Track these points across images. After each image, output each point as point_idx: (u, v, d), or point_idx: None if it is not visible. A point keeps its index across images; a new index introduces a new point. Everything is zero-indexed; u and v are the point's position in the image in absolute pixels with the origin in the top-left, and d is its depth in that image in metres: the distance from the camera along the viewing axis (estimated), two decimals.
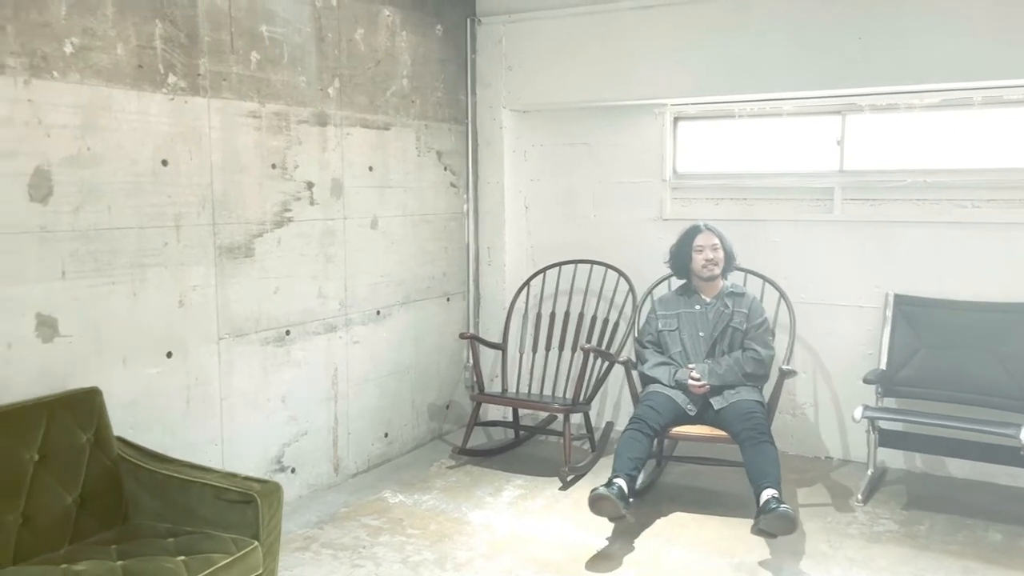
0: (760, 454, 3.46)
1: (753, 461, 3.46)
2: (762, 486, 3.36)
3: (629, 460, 3.52)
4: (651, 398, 3.77)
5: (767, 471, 3.41)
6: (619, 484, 3.40)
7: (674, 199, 4.75)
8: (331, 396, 4.02)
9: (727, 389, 3.75)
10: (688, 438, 3.78)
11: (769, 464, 3.43)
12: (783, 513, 3.18)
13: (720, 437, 3.66)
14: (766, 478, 3.38)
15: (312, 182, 3.82)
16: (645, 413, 3.69)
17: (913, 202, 4.19)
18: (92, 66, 2.88)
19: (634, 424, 3.66)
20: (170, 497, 2.68)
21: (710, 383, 3.74)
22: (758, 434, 3.52)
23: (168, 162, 3.16)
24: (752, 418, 3.58)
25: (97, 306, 2.94)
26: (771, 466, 3.43)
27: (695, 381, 3.74)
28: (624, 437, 3.63)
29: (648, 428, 3.63)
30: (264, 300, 3.60)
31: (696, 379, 3.74)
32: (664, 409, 3.70)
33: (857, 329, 4.28)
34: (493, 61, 4.87)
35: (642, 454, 3.57)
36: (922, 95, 4.09)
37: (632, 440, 3.59)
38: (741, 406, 3.65)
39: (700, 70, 4.30)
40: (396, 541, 3.42)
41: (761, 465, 3.43)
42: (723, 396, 3.73)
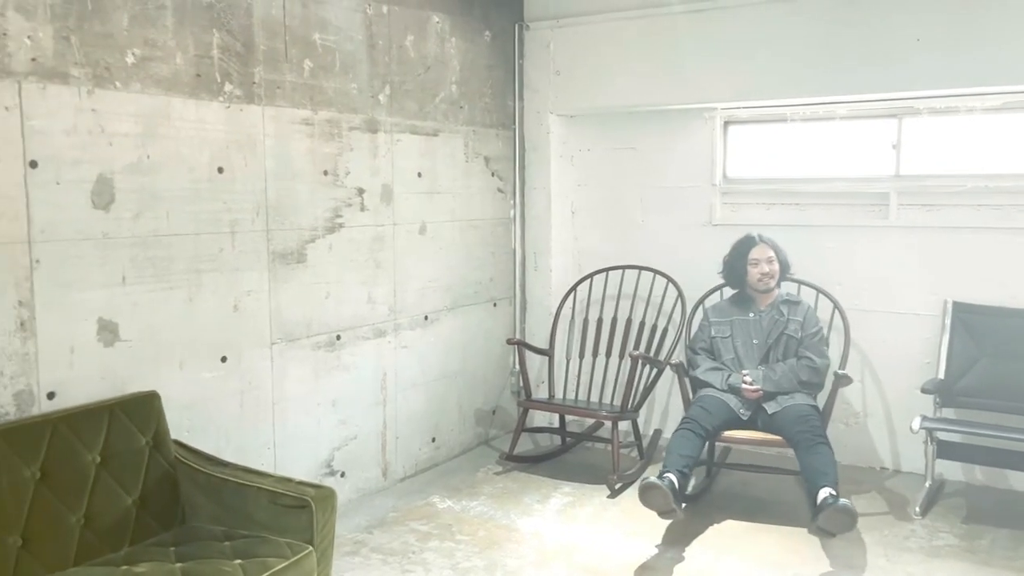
0: (816, 455, 3.41)
1: (809, 462, 3.42)
2: (819, 485, 3.31)
3: (680, 457, 3.49)
4: (703, 400, 3.75)
5: (824, 470, 3.35)
6: (670, 478, 3.36)
7: (724, 204, 4.69)
8: (380, 400, 4.04)
9: (781, 395, 3.70)
10: (740, 442, 3.76)
11: (826, 464, 3.38)
12: (842, 506, 3.11)
13: (773, 442, 3.62)
14: (824, 477, 3.33)
15: (363, 188, 3.85)
16: (697, 414, 3.66)
17: (973, 207, 4.08)
18: (152, 76, 2.94)
19: (685, 424, 3.63)
20: (226, 501, 2.71)
21: (765, 388, 3.70)
22: (813, 436, 3.47)
23: (224, 169, 3.21)
24: (807, 420, 3.53)
25: (155, 311, 2.99)
26: (828, 466, 3.37)
27: (748, 385, 3.69)
28: (675, 436, 3.61)
29: (700, 428, 3.60)
30: (315, 305, 3.64)
31: (749, 383, 3.69)
32: (716, 411, 3.67)
33: (914, 337, 4.18)
34: (541, 66, 4.86)
35: (693, 452, 3.53)
36: (982, 97, 3.98)
37: (683, 438, 3.56)
38: (795, 410, 3.61)
39: (751, 73, 4.24)
40: (445, 547, 3.42)
41: (818, 465, 3.38)
42: (777, 401, 3.69)
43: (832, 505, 3.14)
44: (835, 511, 3.13)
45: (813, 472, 3.37)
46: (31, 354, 2.63)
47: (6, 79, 2.54)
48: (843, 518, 3.13)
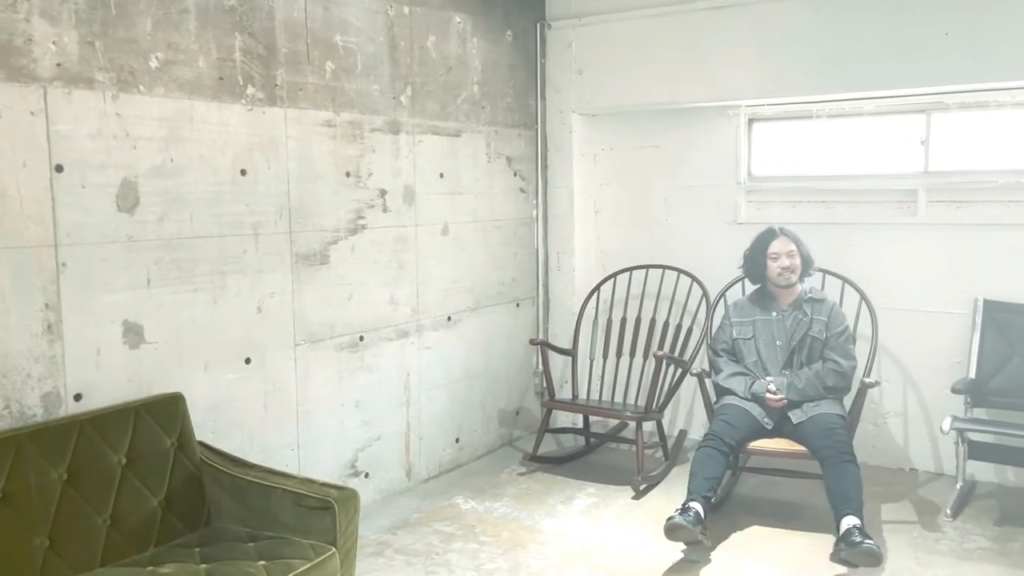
0: (842, 475, 3.33)
1: (834, 483, 3.33)
2: (843, 512, 3.24)
3: (705, 481, 3.42)
4: (726, 411, 3.65)
5: (849, 495, 3.27)
6: (695, 509, 3.30)
7: (749, 202, 4.64)
8: (403, 401, 4.04)
9: (807, 402, 3.62)
10: (766, 454, 3.65)
11: (851, 487, 3.29)
12: (867, 550, 3.07)
13: (799, 452, 3.53)
14: (848, 503, 3.25)
15: (385, 189, 3.85)
16: (720, 429, 3.57)
17: (1004, 204, 4.00)
18: (176, 79, 2.96)
19: (709, 441, 3.55)
20: (250, 502, 2.73)
21: (789, 397, 3.61)
22: (839, 453, 3.37)
23: (247, 171, 3.22)
24: (834, 434, 3.43)
25: (180, 313, 3.01)
26: (853, 489, 3.29)
27: (772, 395, 3.62)
28: (699, 455, 3.52)
29: (724, 445, 3.51)
30: (338, 307, 3.65)
31: (773, 392, 3.63)
32: (740, 423, 3.59)
33: (944, 336, 4.11)
34: (563, 65, 4.84)
35: (718, 473, 3.47)
36: (1013, 92, 3.91)
37: (707, 459, 3.48)
38: (822, 420, 3.51)
39: (775, 70, 4.20)
40: (469, 548, 3.41)
41: (843, 488, 3.30)
42: (802, 409, 3.60)
43: (857, 545, 3.09)
44: (859, 553, 3.09)
45: (838, 496, 3.30)
46: (58, 356, 2.66)
47: (32, 84, 2.57)
48: (867, 559, 3.10)
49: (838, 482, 3.32)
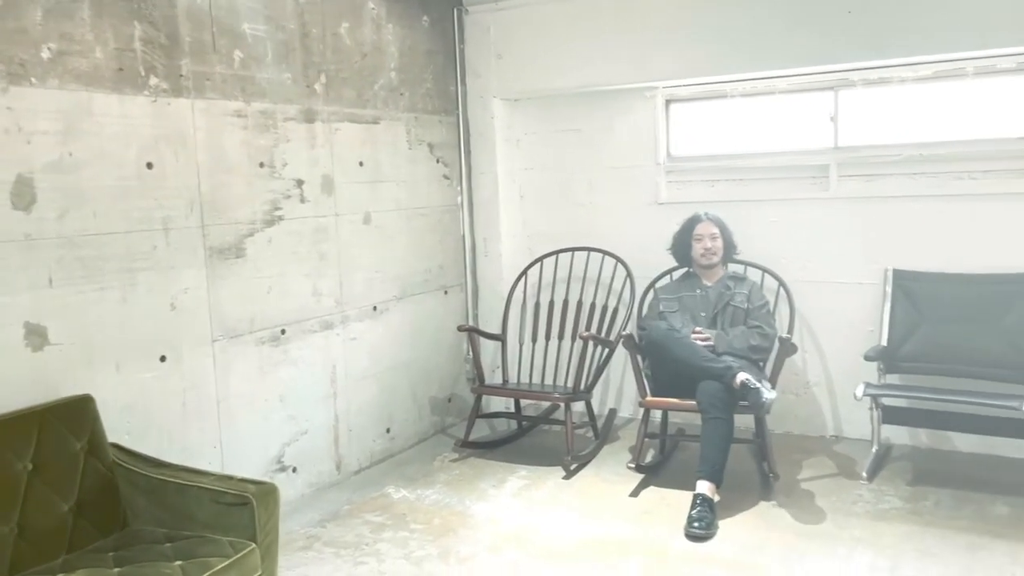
0: (709, 430, 3.51)
1: (702, 440, 3.53)
2: (699, 474, 3.45)
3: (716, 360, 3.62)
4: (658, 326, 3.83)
5: (707, 455, 3.47)
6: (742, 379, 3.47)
7: (669, 183, 4.71)
8: (330, 394, 4.00)
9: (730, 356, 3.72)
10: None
11: (711, 446, 3.47)
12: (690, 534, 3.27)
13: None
14: (704, 464, 3.46)
15: (302, 179, 3.79)
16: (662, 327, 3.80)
17: (909, 176, 4.14)
18: (71, 71, 2.86)
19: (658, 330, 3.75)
20: (167, 502, 2.67)
21: (718, 347, 3.75)
22: (711, 407, 3.50)
23: (153, 165, 3.13)
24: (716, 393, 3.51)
25: (87, 312, 2.92)
26: (712, 449, 3.47)
27: (698, 334, 3.79)
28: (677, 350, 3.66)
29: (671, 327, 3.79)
30: (257, 300, 3.58)
31: (699, 331, 3.80)
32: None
33: (857, 306, 4.25)
34: (482, 50, 4.82)
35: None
36: (915, 67, 4.04)
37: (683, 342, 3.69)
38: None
39: (689, 51, 4.26)
40: (399, 537, 3.41)
41: (705, 447, 3.50)
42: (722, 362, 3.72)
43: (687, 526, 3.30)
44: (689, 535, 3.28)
45: (701, 454, 3.50)
46: None
47: None
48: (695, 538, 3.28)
49: (703, 439, 3.52)
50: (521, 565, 3.13)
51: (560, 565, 3.12)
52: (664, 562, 3.12)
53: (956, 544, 3.14)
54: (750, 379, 3.45)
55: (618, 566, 3.10)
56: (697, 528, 3.27)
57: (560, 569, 3.09)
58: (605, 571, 3.07)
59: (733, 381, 3.47)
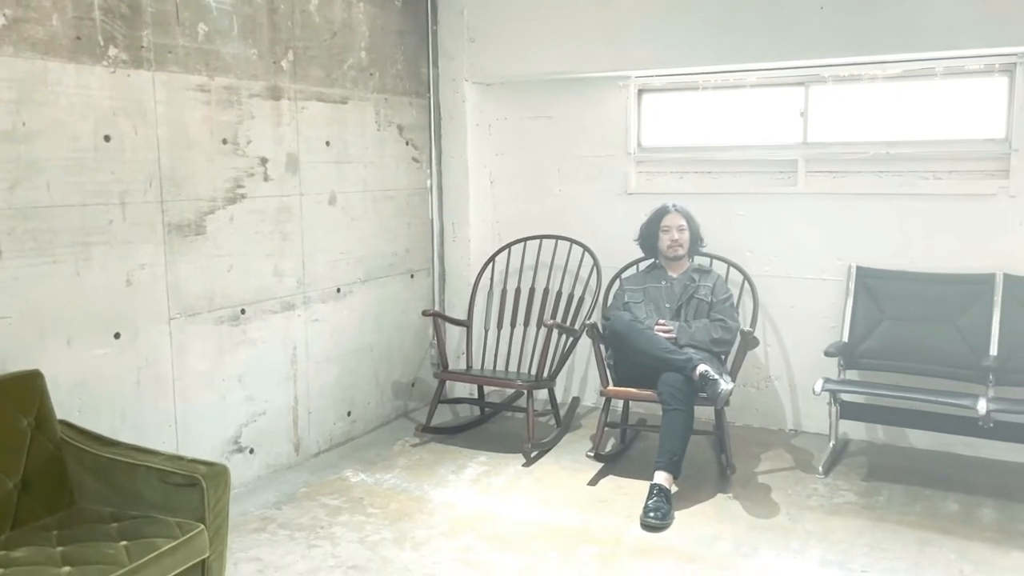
0: (667, 423, 3.52)
1: (662, 427, 3.54)
2: (656, 464, 3.47)
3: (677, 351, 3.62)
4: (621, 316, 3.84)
5: (665, 445, 3.49)
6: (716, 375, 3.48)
7: (639, 173, 4.70)
8: (290, 375, 3.96)
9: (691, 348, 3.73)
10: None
11: (669, 436, 3.49)
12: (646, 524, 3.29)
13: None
14: (661, 455, 3.48)
15: (266, 157, 3.74)
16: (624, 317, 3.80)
17: (876, 174, 4.17)
18: (27, 38, 2.78)
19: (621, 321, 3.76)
20: (115, 481, 2.62)
21: (680, 340, 3.76)
22: (671, 398, 3.52)
23: (111, 138, 3.07)
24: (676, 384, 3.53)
25: (37, 286, 2.85)
26: (671, 439, 3.49)
27: (661, 326, 3.80)
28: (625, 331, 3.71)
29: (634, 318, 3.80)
30: (217, 279, 3.53)
31: (663, 324, 3.81)
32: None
33: (820, 302, 4.28)
34: (455, 33, 4.77)
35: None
36: (884, 66, 4.06)
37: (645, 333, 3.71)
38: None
39: (663, 41, 4.24)
40: (355, 520, 3.39)
41: (663, 437, 3.51)
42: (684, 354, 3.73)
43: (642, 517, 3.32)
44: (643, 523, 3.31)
45: (660, 444, 3.52)
46: None
47: None
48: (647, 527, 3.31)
49: (662, 430, 3.54)
50: (475, 551, 3.13)
51: (514, 552, 3.12)
52: (618, 551, 3.13)
53: (907, 539, 3.19)
54: (709, 371, 3.46)
55: (571, 554, 3.11)
56: (653, 518, 3.29)
57: (513, 556, 3.09)
58: (558, 559, 3.07)
59: (693, 373, 3.48)
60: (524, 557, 3.09)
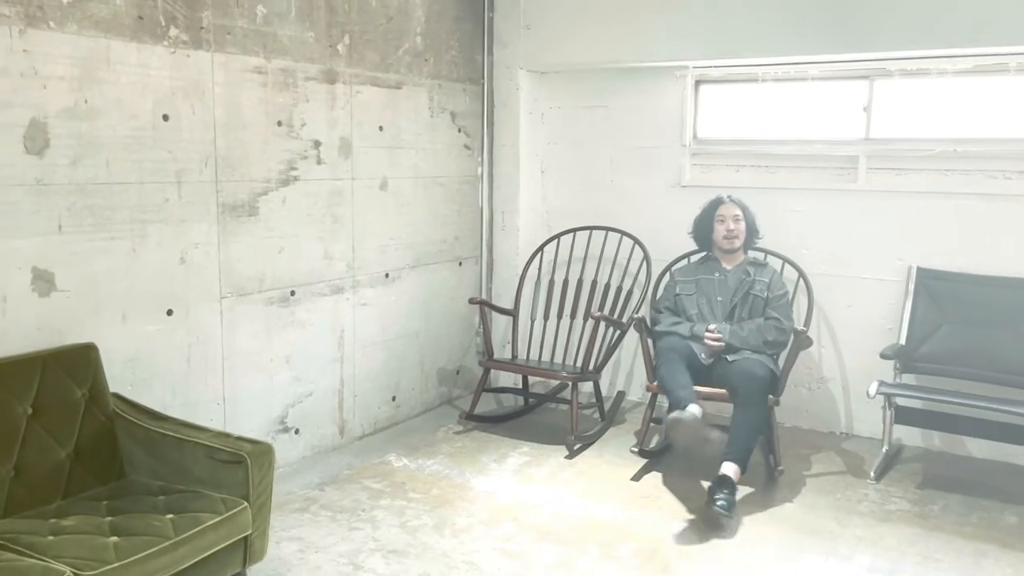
0: (741, 417, 3.46)
1: (733, 422, 3.47)
2: (726, 455, 3.38)
3: (682, 388, 3.47)
4: (668, 341, 3.76)
5: (737, 439, 3.41)
6: (691, 411, 3.33)
7: (694, 165, 4.62)
8: (337, 358, 3.99)
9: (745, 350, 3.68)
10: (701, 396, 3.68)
11: (743, 430, 3.42)
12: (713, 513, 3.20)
13: (720, 395, 3.60)
14: (733, 448, 3.39)
15: (319, 141, 3.75)
16: (672, 343, 3.71)
17: (941, 172, 4.02)
18: (90, 17, 2.83)
19: (664, 355, 3.67)
20: (163, 455, 2.67)
21: (732, 343, 3.69)
22: (748, 394, 3.47)
23: (169, 117, 3.11)
24: (753, 379, 3.51)
25: (95, 261, 2.91)
26: (744, 432, 3.42)
27: (710, 334, 3.71)
28: (661, 368, 3.62)
29: (678, 355, 3.63)
30: (268, 260, 3.56)
31: (712, 332, 3.72)
32: (681, 349, 3.69)
33: (877, 303, 4.15)
34: (511, 20, 4.74)
35: (688, 379, 3.53)
36: (954, 60, 3.90)
37: (671, 366, 3.59)
38: (747, 365, 3.60)
39: (723, 32, 4.15)
40: (396, 505, 3.40)
41: (735, 431, 3.43)
42: (739, 353, 3.69)
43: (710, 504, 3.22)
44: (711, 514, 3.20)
45: (731, 436, 3.42)
46: None
47: None
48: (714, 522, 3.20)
49: (735, 424, 3.46)
50: (515, 540, 3.11)
51: (554, 543, 3.10)
52: (659, 549, 3.08)
53: (961, 550, 3.08)
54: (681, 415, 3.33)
55: (612, 549, 3.07)
56: (721, 506, 3.18)
57: (553, 547, 3.07)
58: (598, 553, 3.04)
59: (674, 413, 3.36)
60: (564, 549, 3.06)
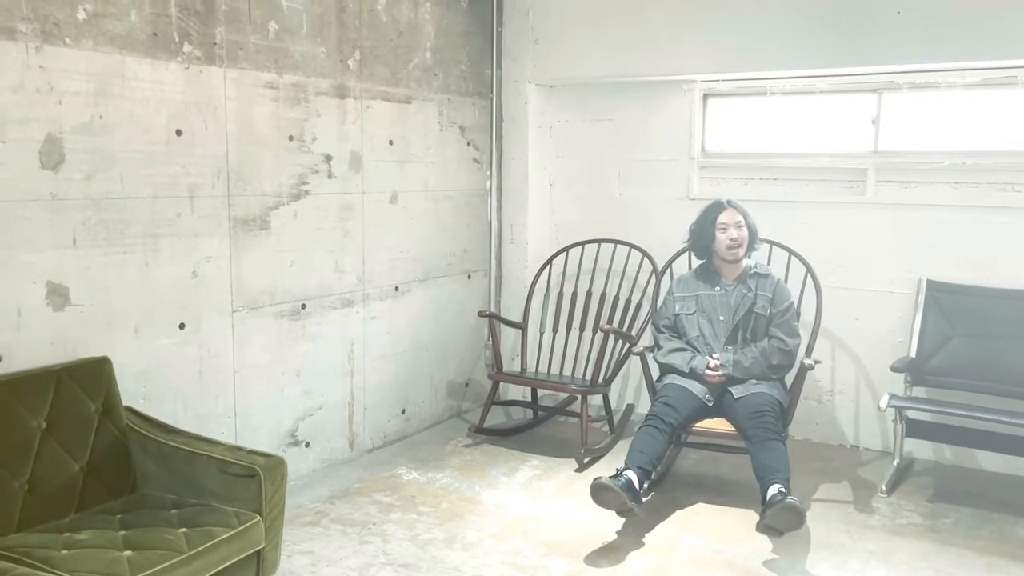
0: (768, 451, 3.31)
1: (760, 459, 3.31)
2: (768, 482, 3.22)
3: (641, 454, 3.38)
4: (667, 392, 3.60)
5: (775, 467, 3.26)
6: (627, 477, 3.26)
7: (702, 178, 4.63)
8: (347, 371, 3.99)
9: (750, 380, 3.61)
10: (704, 435, 3.65)
11: (777, 460, 3.28)
12: (789, 504, 3.04)
13: (734, 434, 3.52)
14: (774, 475, 3.23)
15: (330, 155, 3.78)
16: (661, 411, 3.52)
17: (951, 185, 4.03)
18: (105, 33, 2.86)
19: (650, 421, 3.51)
20: (177, 469, 2.68)
21: (736, 375, 3.59)
22: (765, 431, 3.36)
23: (182, 132, 3.13)
24: (761, 416, 3.41)
25: (109, 275, 2.93)
26: (779, 462, 3.28)
27: (711, 371, 3.59)
28: (639, 433, 3.49)
29: (665, 425, 3.47)
30: (279, 273, 3.58)
31: (713, 369, 3.59)
32: (681, 404, 3.54)
33: (887, 316, 4.15)
34: (519, 34, 4.77)
35: (658, 449, 3.42)
36: (963, 73, 3.91)
37: (647, 436, 3.45)
38: (753, 401, 3.48)
39: (731, 45, 4.17)
40: (407, 518, 3.40)
41: (768, 462, 3.28)
42: (744, 385, 3.58)
43: (779, 503, 3.06)
44: (782, 509, 3.05)
45: (763, 469, 3.28)
46: None
47: None
48: (790, 516, 3.05)
49: (764, 457, 3.31)
50: (525, 554, 3.11)
51: (564, 557, 3.09)
52: (670, 563, 3.08)
53: (973, 564, 3.06)
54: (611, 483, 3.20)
55: (623, 563, 3.06)
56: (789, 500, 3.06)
57: (563, 561, 3.06)
58: (609, 567, 3.03)
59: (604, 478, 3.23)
60: (574, 563, 3.05)
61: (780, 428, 3.43)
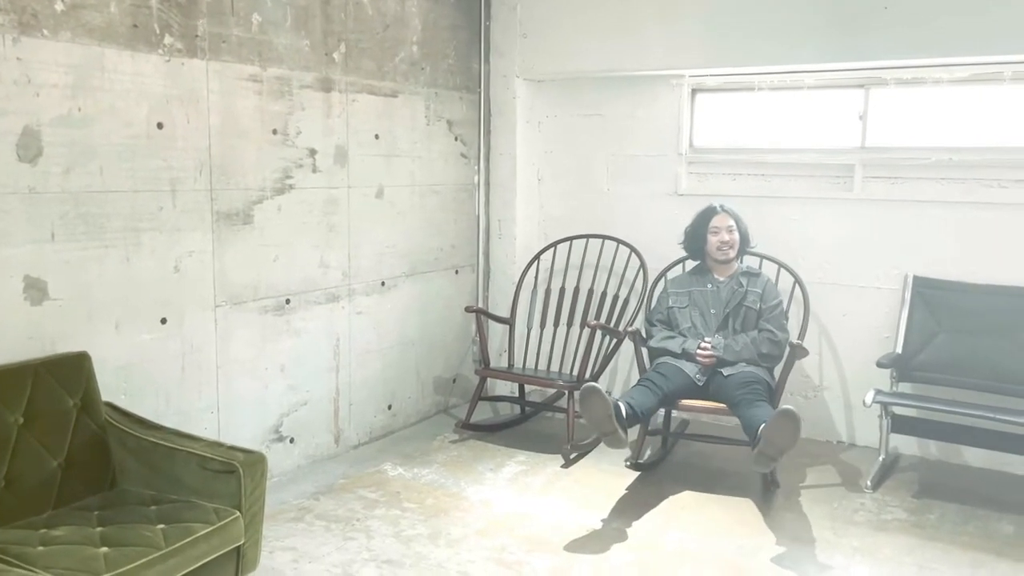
0: (756, 407, 3.40)
1: (749, 414, 3.39)
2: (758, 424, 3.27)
3: (632, 399, 3.50)
4: (660, 367, 3.75)
5: (764, 416, 3.29)
6: (615, 401, 3.35)
7: (690, 174, 4.62)
8: (333, 367, 3.97)
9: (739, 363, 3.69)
10: (693, 410, 3.77)
11: (767, 413, 3.32)
12: (783, 410, 3.10)
13: (723, 410, 3.60)
14: (764, 420, 3.27)
15: (315, 149, 3.75)
16: (653, 376, 3.68)
17: (937, 181, 4.02)
18: (84, 25, 2.82)
19: (642, 382, 3.67)
20: (156, 464, 2.65)
21: (726, 358, 3.68)
22: (754, 396, 3.45)
23: (164, 125, 3.10)
24: (751, 386, 3.52)
25: (88, 270, 2.90)
26: (769, 415, 3.30)
27: (703, 350, 3.69)
28: (630, 388, 3.65)
29: (655, 387, 3.60)
30: (263, 268, 3.55)
31: (705, 348, 3.69)
32: (673, 376, 3.68)
33: (874, 311, 4.15)
34: (507, 28, 4.74)
35: (646, 403, 3.52)
36: (950, 69, 3.91)
37: (637, 389, 3.61)
38: (743, 376, 3.61)
39: (719, 41, 4.15)
40: (391, 515, 3.38)
41: (758, 413, 3.35)
42: (734, 367, 3.68)
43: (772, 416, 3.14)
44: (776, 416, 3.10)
45: (753, 419, 3.33)
46: None
47: None
48: (784, 422, 3.08)
49: (753, 412, 3.38)
50: (510, 551, 3.10)
51: (549, 553, 3.08)
52: (655, 558, 3.07)
53: (958, 560, 3.06)
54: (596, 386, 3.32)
55: (608, 559, 3.05)
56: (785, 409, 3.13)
57: (548, 557, 3.05)
58: (594, 563, 3.02)
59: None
60: (559, 559, 3.04)
61: (766, 395, 3.51)
